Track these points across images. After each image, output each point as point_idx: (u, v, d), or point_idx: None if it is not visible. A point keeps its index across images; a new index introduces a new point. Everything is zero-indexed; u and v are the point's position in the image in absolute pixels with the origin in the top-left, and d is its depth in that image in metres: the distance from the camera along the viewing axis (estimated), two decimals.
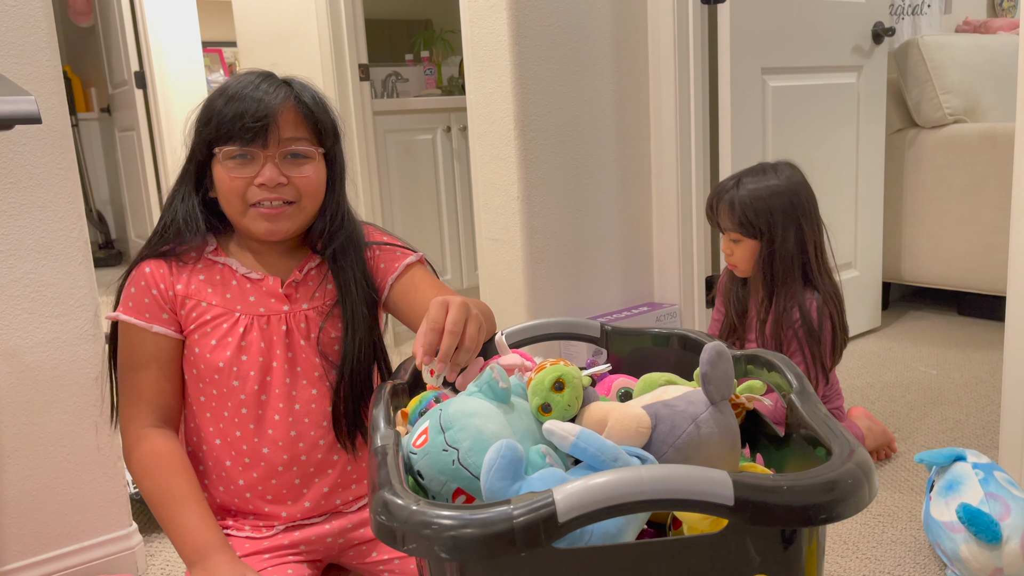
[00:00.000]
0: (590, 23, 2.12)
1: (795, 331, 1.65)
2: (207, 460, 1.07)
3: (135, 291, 1.04)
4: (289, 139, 1.00)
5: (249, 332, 1.03)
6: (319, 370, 1.05)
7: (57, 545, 1.45)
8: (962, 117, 2.79)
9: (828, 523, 0.57)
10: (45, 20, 1.36)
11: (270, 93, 0.99)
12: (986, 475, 1.36)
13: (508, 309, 2.13)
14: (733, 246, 1.70)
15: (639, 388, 0.85)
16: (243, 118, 0.97)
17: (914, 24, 3.23)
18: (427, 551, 0.56)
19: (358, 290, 1.07)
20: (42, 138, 1.36)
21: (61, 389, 1.42)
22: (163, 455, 1.02)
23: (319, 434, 1.05)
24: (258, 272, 1.06)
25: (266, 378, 1.03)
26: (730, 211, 1.67)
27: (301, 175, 1.01)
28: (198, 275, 1.05)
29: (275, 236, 1.03)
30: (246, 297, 1.05)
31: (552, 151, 2.09)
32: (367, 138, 2.88)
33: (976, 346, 2.61)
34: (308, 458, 1.05)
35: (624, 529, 0.63)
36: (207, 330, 1.03)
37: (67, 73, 4.81)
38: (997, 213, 2.62)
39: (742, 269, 1.72)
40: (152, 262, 1.05)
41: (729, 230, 1.69)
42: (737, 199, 1.66)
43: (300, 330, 1.05)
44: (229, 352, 1.02)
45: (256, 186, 0.99)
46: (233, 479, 1.05)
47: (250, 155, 0.99)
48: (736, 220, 1.66)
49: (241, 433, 1.04)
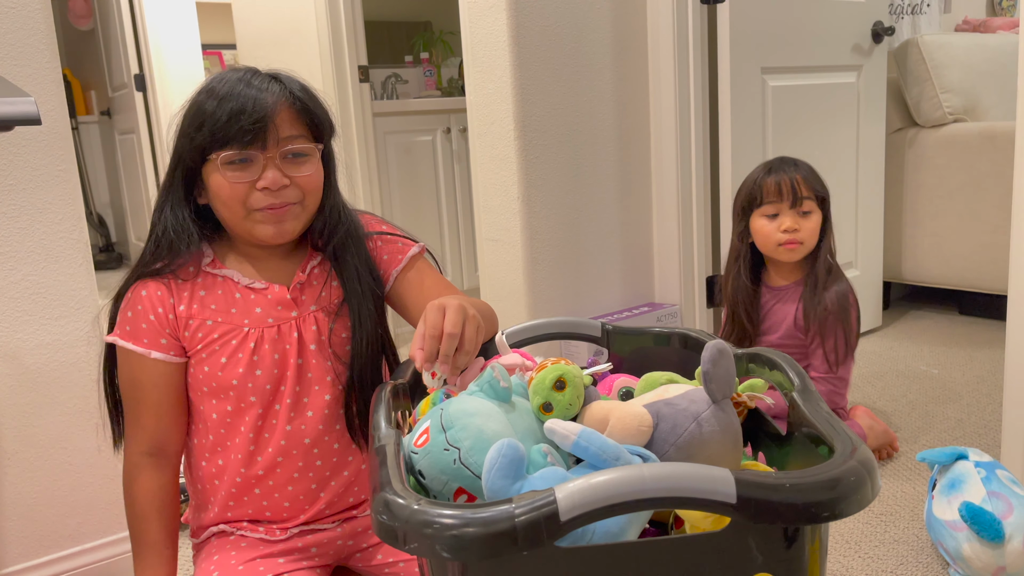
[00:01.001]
0: (590, 23, 2.12)
1: (835, 311, 1.72)
2: (222, 475, 1.04)
3: (132, 315, 1.00)
4: (287, 138, 0.96)
5: (260, 346, 1.00)
6: (330, 373, 1.03)
7: (58, 548, 1.45)
8: (962, 116, 2.78)
9: (831, 521, 0.57)
10: (45, 22, 1.36)
11: (264, 90, 0.95)
12: (988, 473, 1.35)
13: (509, 310, 2.13)
14: (802, 220, 1.73)
15: (640, 387, 0.85)
16: (239, 120, 0.92)
17: (914, 23, 3.23)
18: (429, 550, 0.56)
19: (363, 284, 1.04)
20: (42, 140, 1.36)
21: (61, 391, 1.42)
22: (147, 495, 1.03)
23: (332, 438, 1.04)
24: (261, 281, 1.02)
25: (280, 388, 1.01)
26: (806, 180, 1.73)
27: (303, 174, 0.98)
28: (198, 292, 1.01)
29: (281, 239, 1.00)
30: (252, 309, 1.01)
31: (552, 152, 2.09)
32: (367, 140, 2.88)
33: (977, 345, 2.61)
34: (323, 463, 1.04)
35: (626, 528, 0.63)
36: (215, 348, 1.00)
37: (67, 76, 4.82)
38: (998, 212, 2.62)
39: (809, 244, 1.75)
40: (150, 283, 1.00)
41: (807, 198, 1.72)
42: (806, 169, 1.75)
43: (311, 333, 1.02)
44: (242, 369, 0.99)
45: (259, 191, 0.95)
46: (248, 489, 1.04)
47: (249, 158, 0.95)
48: (813, 188, 1.73)
49: (256, 446, 1.02)
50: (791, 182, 1.72)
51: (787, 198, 1.72)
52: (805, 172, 1.74)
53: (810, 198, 1.73)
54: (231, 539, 1.06)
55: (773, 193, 1.73)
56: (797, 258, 1.77)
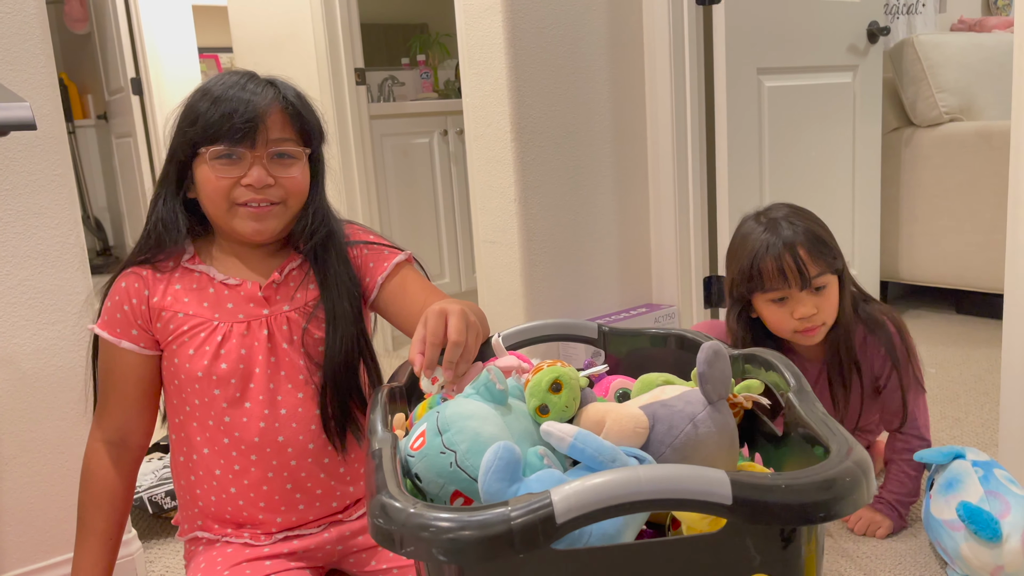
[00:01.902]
0: (585, 25, 2.12)
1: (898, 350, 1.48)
2: (198, 469, 1.06)
3: (110, 305, 1.05)
4: (276, 140, 1.00)
5: (228, 340, 1.03)
6: (303, 372, 1.05)
7: (56, 552, 1.44)
8: (958, 115, 2.79)
9: (827, 521, 0.57)
10: (40, 27, 1.36)
11: (258, 93, 0.99)
12: (986, 473, 1.36)
13: (506, 312, 2.13)
14: (819, 299, 1.40)
15: (637, 388, 0.85)
16: (231, 118, 0.97)
17: (909, 23, 3.24)
18: (425, 554, 0.56)
19: (340, 287, 1.06)
20: (38, 145, 1.36)
21: (59, 396, 1.41)
22: (103, 485, 1.08)
23: (307, 437, 1.05)
24: (235, 278, 1.05)
25: (248, 384, 1.03)
26: (812, 253, 1.38)
27: (288, 176, 1.01)
28: (174, 285, 1.05)
29: (262, 236, 1.03)
30: (224, 304, 1.04)
31: (549, 153, 2.09)
32: (364, 142, 2.88)
33: (975, 344, 2.61)
34: (298, 463, 1.05)
35: (623, 530, 0.63)
36: (185, 340, 1.03)
37: (63, 80, 4.82)
38: (994, 211, 2.63)
39: (831, 320, 1.43)
40: (129, 275, 1.05)
41: (821, 274, 1.39)
42: (809, 235, 1.39)
43: (282, 333, 1.04)
44: (207, 361, 1.02)
45: (243, 186, 0.99)
46: (225, 487, 1.05)
47: (237, 155, 0.99)
48: (822, 260, 1.39)
49: (228, 440, 1.03)
50: (795, 263, 1.37)
51: (795, 284, 1.38)
52: (809, 241, 1.38)
53: (822, 273, 1.39)
54: (217, 546, 1.07)
55: (777, 278, 1.38)
56: (820, 339, 1.45)
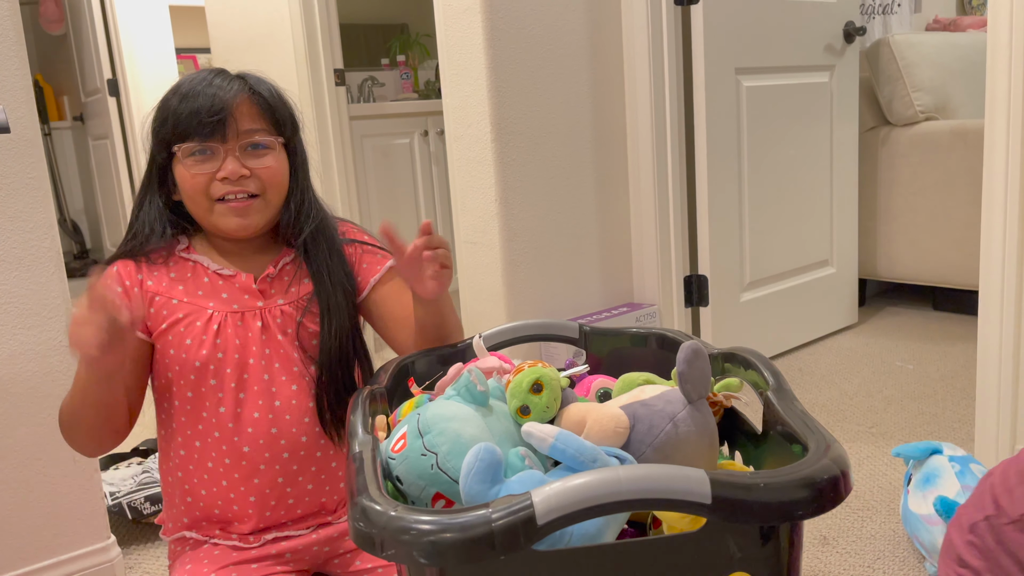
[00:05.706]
0: (565, 25, 2.13)
1: None
2: (188, 464, 1.05)
3: None
4: (248, 131, 1.00)
5: (223, 329, 1.02)
6: (298, 365, 1.04)
7: (35, 559, 1.43)
8: (933, 114, 2.82)
9: (806, 519, 0.58)
10: (14, 29, 1.34)
11: (224, 88, 0.99)
12: (962, 468, 1.37)
13: (487, 312, 2.13)
14: None
15: (618, 388, 0.86)
16: (199, 114, 0.97)
17: (885, 23, 3.27)
18: (406, 557, 0.55)
19: (333, 279, 1.06)
20: (11, 148, 1.34)
21: (34, 402, 1.40)
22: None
23: (301, 430, 1.04)
24: (230, 269, 1.05)
25: (243, 375, 1.02)
26: None
27: (263, 166, 1.01)
28: (169, 273, 1.04)
29: (246, 232, 1.03)
30: (218, 294, 1.04)
31: (529, 153, 2.09)
32: (343, 143, 2.87)
33: (951, 340, 2.64)
34: (290, 455, 1.04)
35: (604, 530, 0.63)
36: (180, 329, 1.02)
37: (39, 82, 4.76)
38: (969, 208, 2.66)
39: None
40: (121, 262, 1.05)
41: None
42: None
43: (276, 325, 1.04)
44: (205, 351, 1.01)
45: (219, 180, 0.99)
46: (216, 480, 1.04)
47: (210, 150, 0.99)
48: None
49: (220, 433, 1.03)
50: None
51: None
52: None
53: None
54: (204, 547, 1.06)
55: None
56: None
